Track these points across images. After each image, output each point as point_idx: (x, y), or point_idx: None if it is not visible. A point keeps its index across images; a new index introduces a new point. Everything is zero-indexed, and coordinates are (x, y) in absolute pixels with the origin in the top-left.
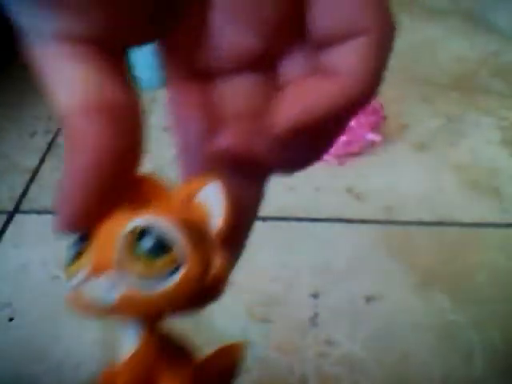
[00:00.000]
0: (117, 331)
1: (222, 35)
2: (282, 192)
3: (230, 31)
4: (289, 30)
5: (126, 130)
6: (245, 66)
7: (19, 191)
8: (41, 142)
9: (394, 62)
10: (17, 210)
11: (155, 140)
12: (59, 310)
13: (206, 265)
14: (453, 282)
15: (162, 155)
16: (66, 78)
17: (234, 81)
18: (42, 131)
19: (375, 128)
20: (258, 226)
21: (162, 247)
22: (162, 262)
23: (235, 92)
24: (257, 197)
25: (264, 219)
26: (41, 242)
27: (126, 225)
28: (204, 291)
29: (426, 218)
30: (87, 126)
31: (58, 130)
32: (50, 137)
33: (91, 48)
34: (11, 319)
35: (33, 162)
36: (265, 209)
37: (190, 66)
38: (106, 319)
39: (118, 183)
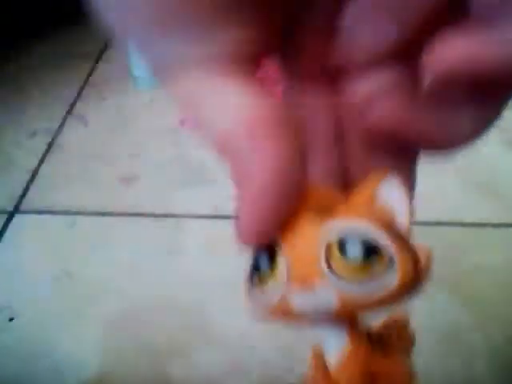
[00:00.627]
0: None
1: (359, 28)
2: None
3: (370, 22)
4: (444, 9)
5: (294, 138)
6: (382, 59)
7: (19, 191)
8: (41, 142)
9: None
10: (17, 210)
11: (155, 140)
12: (59, 310)
13: (415, 260)
14: (453, 282)
15: (162, 155)
16: (220, 101)
17: (369, 79)
18: (42, 131)
19: None
20: None
21: (368, 250)
22: (374, 264)
23: (371, 91)
24: (410, 183)
25: None
26: (41, 242)
27: (326, 233)
28: (416, 284)
29: (426, 218)
30: (260, 144)
31: (58, 130)
32: (50, 137)
33: (239, 66)
34: (11, 319)
35: (32, 162)
36: None
37: (318, 66)
38: (313, 325)
39: (299, 191)
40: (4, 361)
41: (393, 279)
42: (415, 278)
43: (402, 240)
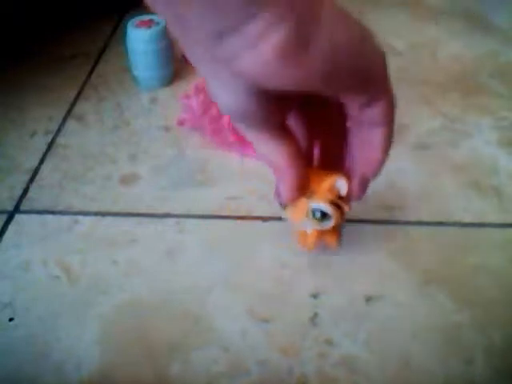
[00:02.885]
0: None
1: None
2: None
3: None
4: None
5: (299, 165)
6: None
7: (19, 191)
8: (41, 142)
9: (394, 62)
10: (17, 210)
11: (155, 140)
12: (59, 310)
13: (340, 215)
14: (453, 282)
15: (161, 155)
16: (264, 147)
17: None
18: (42, 131)
19: None
20: (258, 225)
21: (323, 214)
22: (325, 219)
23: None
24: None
25: (264, 219)
26: (41, 241)
27: (310, 205)
28: (340, 223)
29: (426, 217)
30: (293, 165)
31: (58, 130)
32: (50, 137)
33: (277, 130)
34: (11, 319)
35: (33, 162)
36: (265, 209)
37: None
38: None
39: (304, 184)
40: (4, 361)
41: (331, 223)
42: (339, 220)
43: (338, 208)
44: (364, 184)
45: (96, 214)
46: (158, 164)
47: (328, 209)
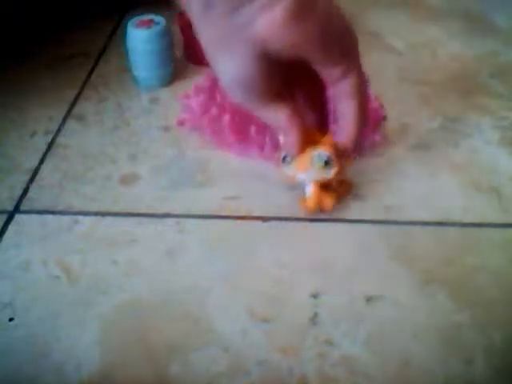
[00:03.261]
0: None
1: None
2: (282, 192)
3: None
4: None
5: (300, 126)
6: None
7: (19, 191)
8: (41, 142)
9: (394, 62)
10: (17, 210)
11: (155, 140)
12: (59, 310)
13: (342, 163)
14: (453, 282)
15: (161, 155)
16: (272, 115)
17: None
18: (42, 131)
19: (375, 128)
20: (257, 225)
21: (326, 161)
22: (327, 166)
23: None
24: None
25: (264, 219)
26: (41, 241)
27: (313, 153)
28: (343, 169)
29: (426, 218)
30: (294, 123)
31: (58, 130)
32: (50, 137)
33: (275, 96)
34: (11, 319)
35: (33, 162)
36: (265, 209)
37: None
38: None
39: (306, 138)
40: (4, 361)
41: (333, 170)
42: (341, 170)
43: (339, 158)
44: (347, 151)
45: (96, 213)
46: (158, 164)
47: (328, 154)
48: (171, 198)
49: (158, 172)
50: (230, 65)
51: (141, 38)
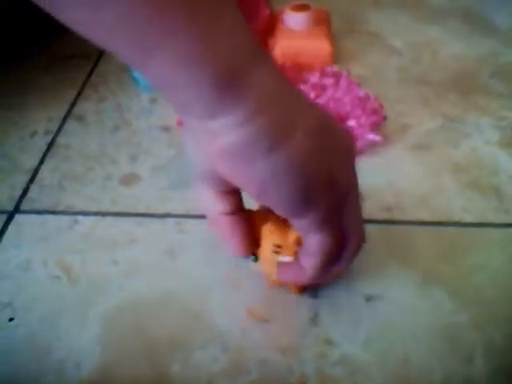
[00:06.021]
0: None
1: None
2: None
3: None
4: None
5: (243, 219)
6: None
7: (19, 191)
8: (41, 142)
9: (394, 62)
10: (17, 210)
11: (155, 140)
12: (59, 310)
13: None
14: (453, 282)
15: (162, 155)
16: (213, 201)
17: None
18: (42, 131)
19: (375, 128)
20: None
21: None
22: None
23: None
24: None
25: None
26: (41, 242)
27: (271, 251)
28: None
29: (426, 217)
30: (230, 221)
31: (58, 130)
32: (50, 137)
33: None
34: (11, 319)
35: (33, 162)
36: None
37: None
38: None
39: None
40: (4, 361)
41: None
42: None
43: (291, 250)
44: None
45: (96, 214)
46: (158, 164)
47: (277, 249)
48: (171, 198)
49: (158, 172)
50: (195, 154)
51: None
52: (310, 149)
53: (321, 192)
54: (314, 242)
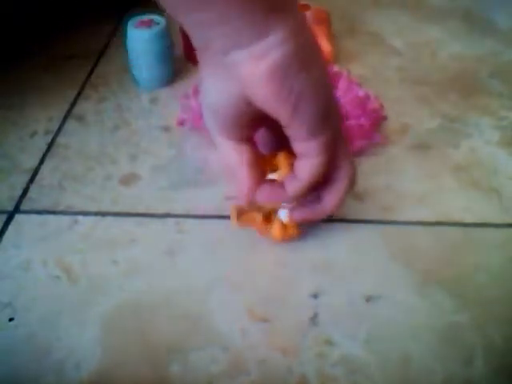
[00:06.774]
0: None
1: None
2: None
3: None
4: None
5: (258, 168)
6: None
7: (19, 191)
8: (41, 142)
9: (394, 62)
10: (17, 210)
11: (155, 140)
12: (59, 310)
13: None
14: (453, 282)
15: (161, 155)
16: (226, 151)
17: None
18: (42, 131)
19: (375, 128)
20: None
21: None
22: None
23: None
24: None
25: None
26: (41, 242)
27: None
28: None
29: (426, 217)
30: (245, 170)
31: (58, 130)
32: (50, 137)
33: (243, 140)
34: (11, 319)
35: (33, 162)
36: None
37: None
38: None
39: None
40: (4, 360)
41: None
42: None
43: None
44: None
45: (96, 214)
46: (158, 164)
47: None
48: (171, 198)
49: (158, 172)
50: (213, 91)
51: (141, 38)
52: (327, 76)
53: (333, 115)
54: (308, 166)
